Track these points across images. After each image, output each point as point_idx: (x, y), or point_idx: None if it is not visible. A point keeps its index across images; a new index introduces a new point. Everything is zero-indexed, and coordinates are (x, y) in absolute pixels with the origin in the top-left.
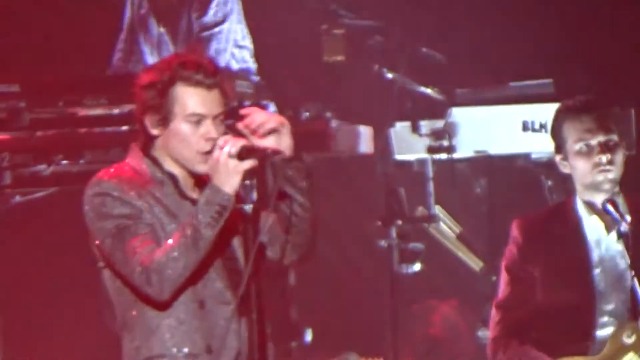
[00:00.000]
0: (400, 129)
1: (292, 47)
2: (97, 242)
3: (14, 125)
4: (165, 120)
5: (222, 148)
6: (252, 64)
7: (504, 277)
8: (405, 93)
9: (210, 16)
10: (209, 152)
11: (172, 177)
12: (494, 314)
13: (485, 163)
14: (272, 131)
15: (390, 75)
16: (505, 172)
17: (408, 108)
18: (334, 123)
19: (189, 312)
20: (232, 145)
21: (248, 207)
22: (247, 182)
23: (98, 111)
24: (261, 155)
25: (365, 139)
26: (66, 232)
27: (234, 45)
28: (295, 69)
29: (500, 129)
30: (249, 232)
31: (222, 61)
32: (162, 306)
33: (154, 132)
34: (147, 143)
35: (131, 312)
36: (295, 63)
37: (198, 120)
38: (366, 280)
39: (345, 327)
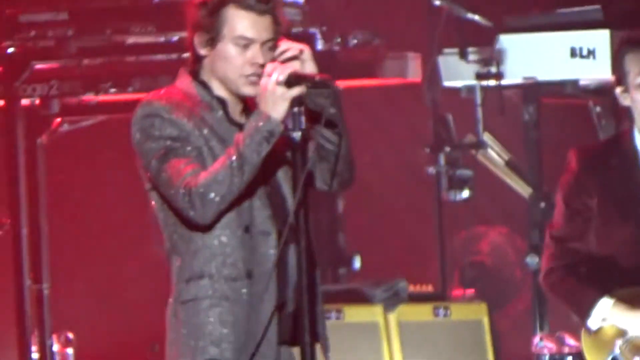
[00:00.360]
0: (448, 56)
1: None
2: (144, 163)
3: (62, 54)
4: (213, 41)
5: (269, 75)
6: None
7: (559, 208)
8: (453, 20)
9: None
10: (254, 76)
11: (221, 101)
12: (548, 244)
13: (533, 89)
14: (293, 58)
15: (438, 2)
16: (553, 98)
17: (456, 35)
18: (382, 50)
19: (232, 236)
20: (279, 72)
21: (296, 135)
22: (295, 109)
23: (146, 39)
24: (309, 82)
25: (413, 66)
26: (114, 160)
27: None
28: None
29: (548, 55)
30: (297, 161)
31: None
32: (205, 228)
33: (202, 52)
34: (196, 65)
35: (176, 233)
36: None
37: (246, 44)
38: (414, 207)
39: (393, 254)
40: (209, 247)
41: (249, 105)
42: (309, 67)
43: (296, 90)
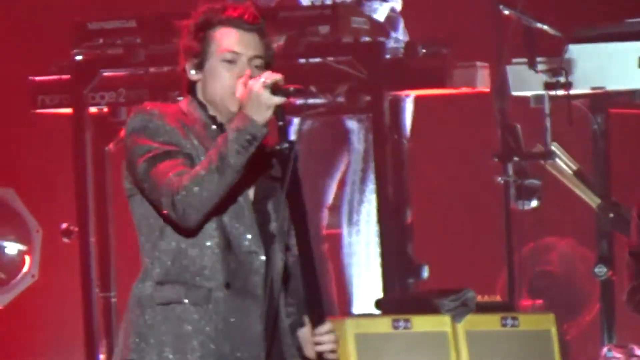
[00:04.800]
0: (517, 66)
1: None
2: (131, 167)
3: (130, 62)
4: (202, 62)
5: (256, 79)
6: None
7: (636, 224)
8: (522, 29)
9: None
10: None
11: (215, 121)
12: (628, 262)
13: (602, 99)
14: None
15: (507, 12)
16: (622, 108)
17: (525, 44)
18: (451, 59)
19: (213, 245)
20: (267, 77)
21: (284, 148)
22: (280, 123)
23: None
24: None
25: (482, 76)
26: None
27: None
28: (410, 5)
29: (617, 65)
30: (286, 175)
31: None
32: (188, 233)
33: (194, 76)
34: (191, 90)
35: (155, 237)
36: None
37: (233, 58)
38: (483, 217)
39: (461, 264)
40: (188, 253)
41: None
42: None
43: (279, 99)
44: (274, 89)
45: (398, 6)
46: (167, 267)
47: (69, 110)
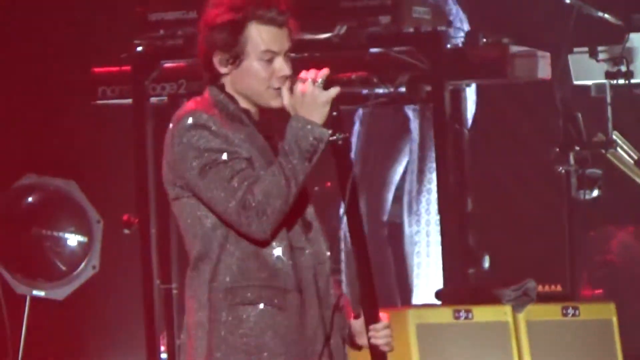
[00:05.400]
0: (578, 55)
1: None
2: (184, 175)
3: (190, 53)
4: (236, 59)
5: (305, 80)
6: None
7: None
8: (583, 18)
9: None
10: (280, 88)
11: (247, 113)
12: None
13: None
14: None
15: (568, 1)
16: None
17: (586, 33)
18: (511, 49)
19: (281, 247)
20: (316, 75)
21: (339, 139)
22: (334, 113)
23: None
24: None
25: (543, 65)
26: None
27: None
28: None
29: None
30: (342, 166)
31: None
32: (260, 243)
33: (223, 70)
34: (216, 81)
35: (217, 242)
36: None
37: (270, 57)
38: (544, 206)
39: (522, 253)
40: (264, 258)
41: (265, 115)
42: None
43: (334, 91)
44: (327, 82)
45: None
46: (237, 270)
47: (129, 102)
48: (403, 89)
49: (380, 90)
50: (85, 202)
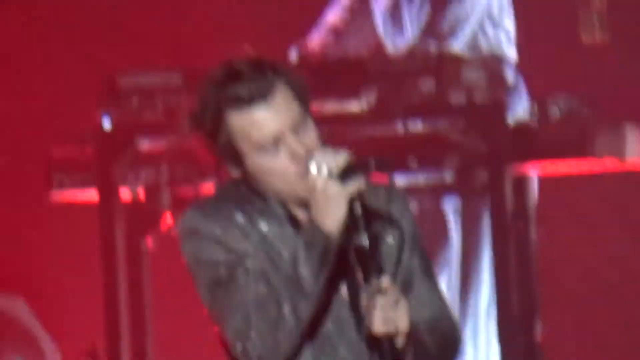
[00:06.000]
0: None
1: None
2: (195, 283)
3: (173, 129)
4: (237, 162)
5: (317, 169)
6: (508, 50)
7: None
8: None
9: None
10: (304, 169)
11: (286, 208)
12: None
13: None
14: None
15: None
16: None
17: None
18: (592, 122)
19: None
20: (329, 161)
21: (363, 241)
22: (356, 206)
23: None
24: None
25: (632, 142)
26: None
27: (487, 17)
28: (543, 52)
29: None
30: (369, 273)
31: (462, 34)
32: None
33: (236, 174)
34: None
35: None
36: (544, 45)
37: (274, 145)
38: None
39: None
40: None
41: None
42: None
43: (354, 185)
44: (344, 172)
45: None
46: None
47: (94, 193)
48: (450, 176)
49: (419, 178)
50: (36, 326)
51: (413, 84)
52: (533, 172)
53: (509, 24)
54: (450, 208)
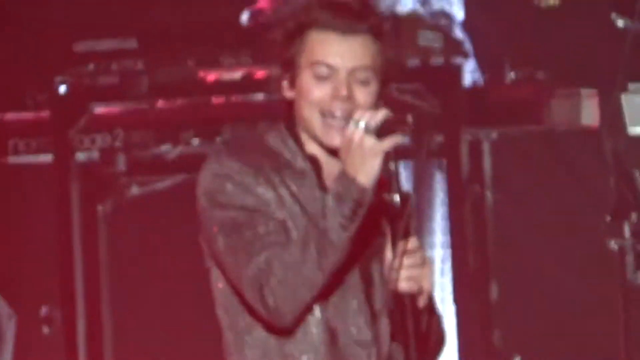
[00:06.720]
0: (634, 94)
1: None
2: (207, 235)
3: (129, 94)
4: (293, 80)
5: (356, 121)
6: (456, 9)
7: None
8: None
9: None
10: (334, 117)
11: (315, 163)
12: None
13: None
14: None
15: (622, 23)
16: None
17: None
18: (547, 86)
19: (315, 341)
20: (369, 117)
21: (396, 199)
22: (392, 166)
23: (240, 73)
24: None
25: (588, 107)
26: (196, 234)
27: None
28: (498, 17)
29: None
30: (398, 233)
31: None
32: (283, 331)
33: (288, 94)
34: (289, 115)
35: (240, 327)
36: (497, 9)
37: (326, 74)
38: (591, 292)
39: (564, 354)
40: (286, 350)
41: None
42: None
43: (390, 142)
44: (381, 130)
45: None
46: None
47: (49, 158)
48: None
49: None
50: None
51: None
52: (487, 134)
53: None
54: (404, 170)
